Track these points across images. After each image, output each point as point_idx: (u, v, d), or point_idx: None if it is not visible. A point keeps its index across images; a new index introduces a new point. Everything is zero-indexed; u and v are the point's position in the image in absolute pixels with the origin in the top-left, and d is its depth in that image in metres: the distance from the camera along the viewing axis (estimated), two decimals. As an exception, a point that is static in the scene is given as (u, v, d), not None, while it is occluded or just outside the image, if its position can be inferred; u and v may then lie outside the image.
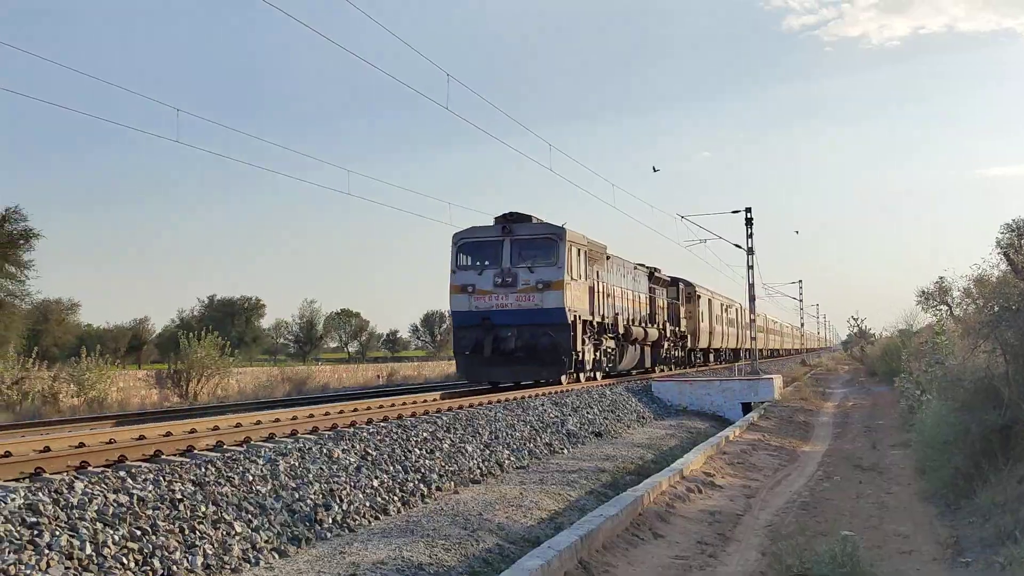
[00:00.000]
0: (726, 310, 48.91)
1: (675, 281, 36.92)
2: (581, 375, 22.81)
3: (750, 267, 32.48)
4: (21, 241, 45.79)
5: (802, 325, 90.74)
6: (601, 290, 24.30)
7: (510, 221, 21.32)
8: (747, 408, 23.32)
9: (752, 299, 33.55)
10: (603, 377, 25.33)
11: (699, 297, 40.29)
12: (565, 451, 14.72)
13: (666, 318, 34.23)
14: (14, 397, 21.28)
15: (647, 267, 32.11)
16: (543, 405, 17.10)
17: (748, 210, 32.04)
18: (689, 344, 38.66)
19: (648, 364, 30.45)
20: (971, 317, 12.54)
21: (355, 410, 13.48)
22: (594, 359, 23.93)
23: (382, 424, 11.92)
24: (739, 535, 9.07)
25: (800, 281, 77.10)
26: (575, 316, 20.74)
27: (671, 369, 34.55)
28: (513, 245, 20.77)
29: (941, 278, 24.64)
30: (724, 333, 47.80)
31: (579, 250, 22.14)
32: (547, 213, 29.65)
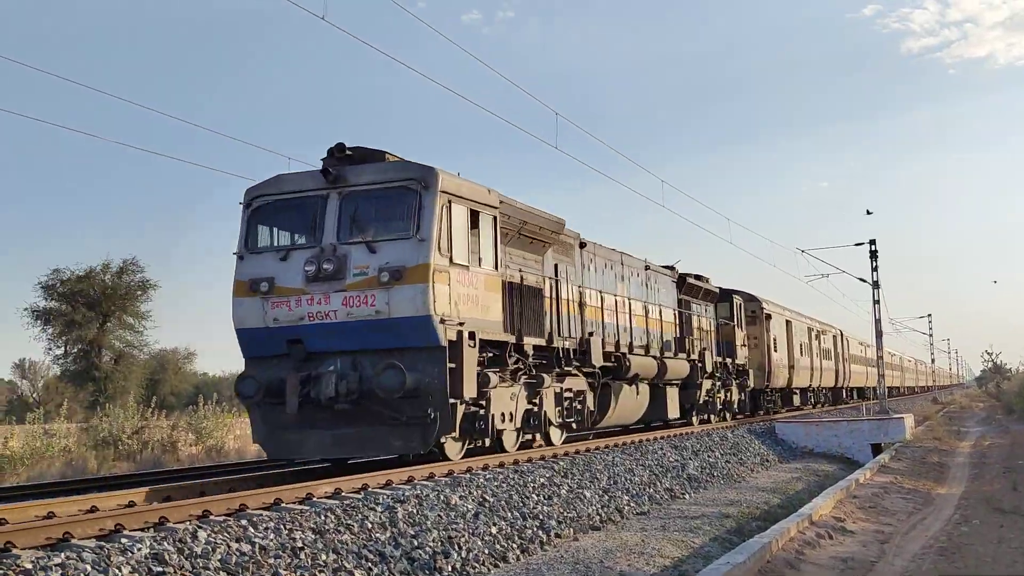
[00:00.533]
0: (817, 337, 38.00)
1: (727, 294, 26.70)
2: (485, 439, 12.71)
3: (876, 301, 31.43)
4: (139, 292, 47.53)
5: (932, 361, 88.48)
6: (557, 294, 15.04)
7: (341, 161, 12.00)
8: (877, 449, 22.79)
9: (879, 335, 32.28)
10: (565, 440, 15.66)
11: (769, 317, 29.65)
12: (687, 496, 14.54)
13: (711, 344, 24.60)
14: (134, 447, 22.08)
15: (674, 270, 22.79)
16: (662, 449, 16.99)
17: (872, 242, 31.55)
18: (753, 383, 27.75)
19: (672, 413, 21.04)
20: None
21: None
22: (526, 412, 13.62)
23: (498, 470, 11.95)
24: None
25: (929, 315, 75.52)
26: (460, 332, 11.37)
27: (720, 419, 24.70)
28: (344, 204, 11.72)
29: None
30: (813, 368, 35.99)
31: (473, 213, 12.37)
32: (660, 252, 27.35)
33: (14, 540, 6.25)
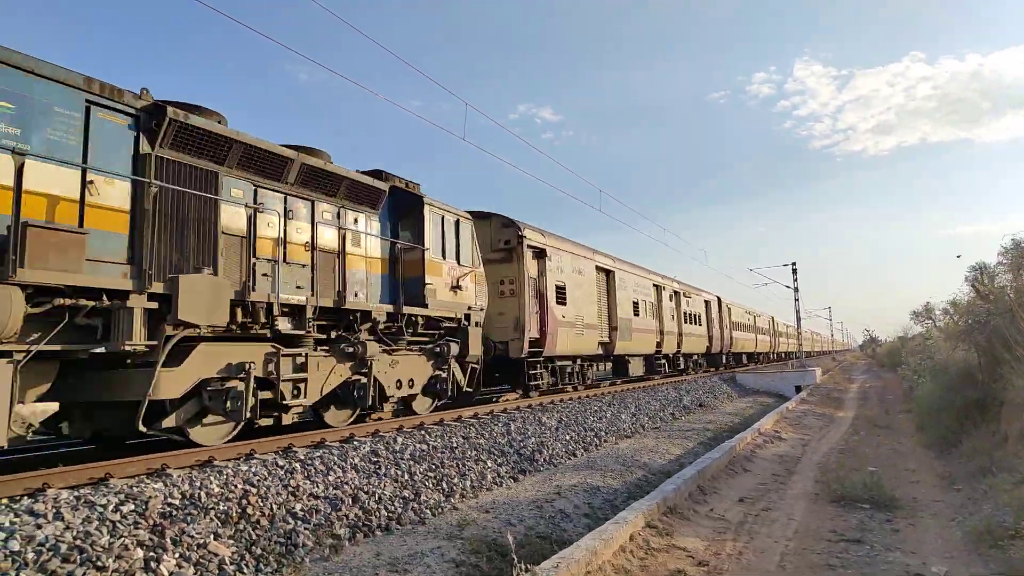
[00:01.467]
0: (674, 299, 29.91)
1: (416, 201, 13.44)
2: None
3: (796, 299, 44.79)
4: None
5: (832, 335, 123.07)
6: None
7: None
8: (799, 390, 29.83)
9: (799, 320, 46.10)
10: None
11: (542, 254, 18.11)
12: (682, 418, 18.62)
13: (367, 283, 12.15)
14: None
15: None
16: (666, 389, 21.78)
17: (794, 263, 45.14)
18: (507, 349, 16.64)
19: None
20: (951, 327, 17.04)
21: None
22: None
23: (569, 401, 16.00)
24: (800, 470, 11.84)
25: (830, 308, 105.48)
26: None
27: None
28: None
29: (927, 302, 38.09)
30: (664, 331, 27.94)
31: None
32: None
33: (294, 443, 9.58)
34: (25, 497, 6.25)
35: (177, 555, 5.79)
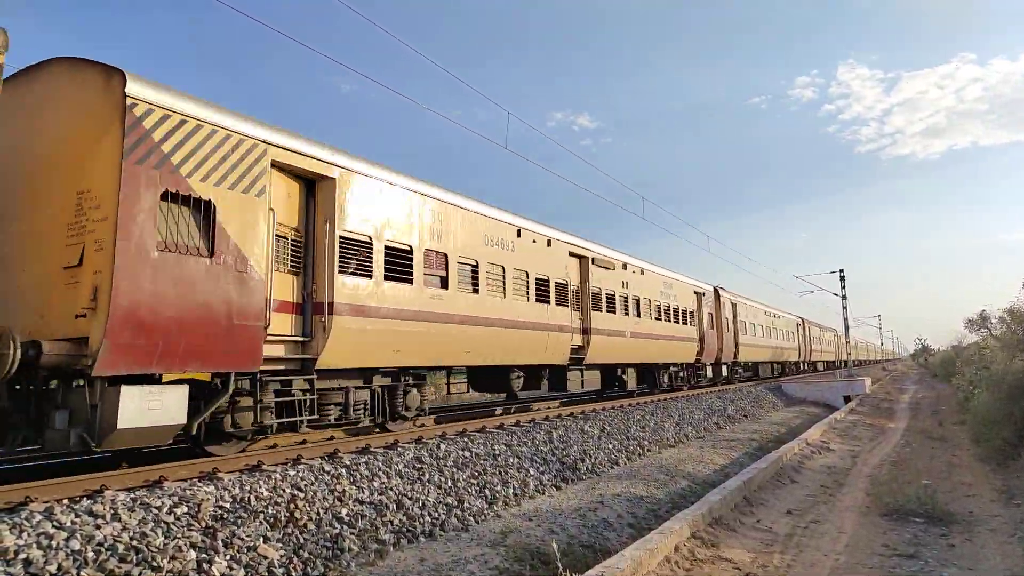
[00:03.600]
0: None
1: None
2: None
3: (844, 307, 43.42)
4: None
5: (882, 344, 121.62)
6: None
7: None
8: (847, 399, 28.86)
9: (847, 328, 44.61)
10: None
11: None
12: (727, 428, 18.34)
13: None
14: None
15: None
16: (710, 398, 21.45)
17: (841, 270, 43.22)
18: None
19: None
20: (1008, 336, 16.27)
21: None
22: None
23: (612, 410, 15.91)
24: (849, 481, 11.55)
25: (879, 316, 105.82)
26: None
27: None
28: None
29: (983, 310, 37.87)
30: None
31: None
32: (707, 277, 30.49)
33: (340, 448, 9.71)
34: (85, 498, 6.46)
35: (228, 557, 5.91)
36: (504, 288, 14.18)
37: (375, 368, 11.24)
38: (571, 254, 17.17)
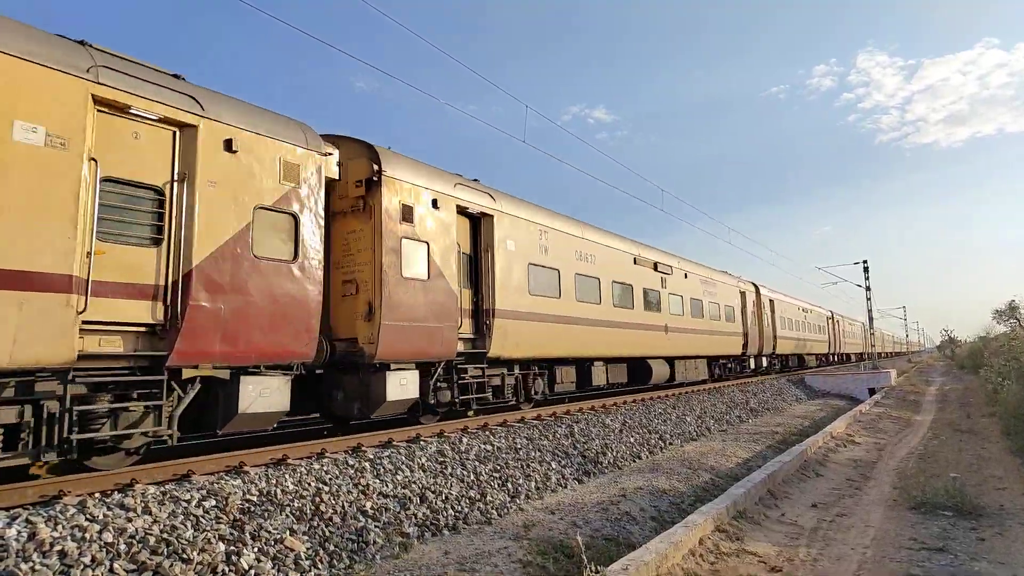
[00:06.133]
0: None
1: None
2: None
3: (868, 299, 42.98)
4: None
5: (907, 336, 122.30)
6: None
7: None
8: (872, 392, 28.65)
9: (871, 320, 43.57)
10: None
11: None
12: (749, 421, 18.29)
13: None
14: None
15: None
16: (732, 391, 21.37)
17: (865, 261, 42.87)
18: None
19: None
20: None
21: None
22: None
23: (633, 404, 15.85)
24: (875, 475, 11.47)
25: (904, 307, 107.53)
26: None
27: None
28: None
29: (1012, 300, 37.72)
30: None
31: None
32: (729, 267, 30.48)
33: (362, 442, 9.75)
34: (116, 492, 6.57)
35: (256, 550, 6.00)
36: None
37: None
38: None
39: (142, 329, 7.44)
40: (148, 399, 7.52)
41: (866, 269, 43.49)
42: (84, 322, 6.83)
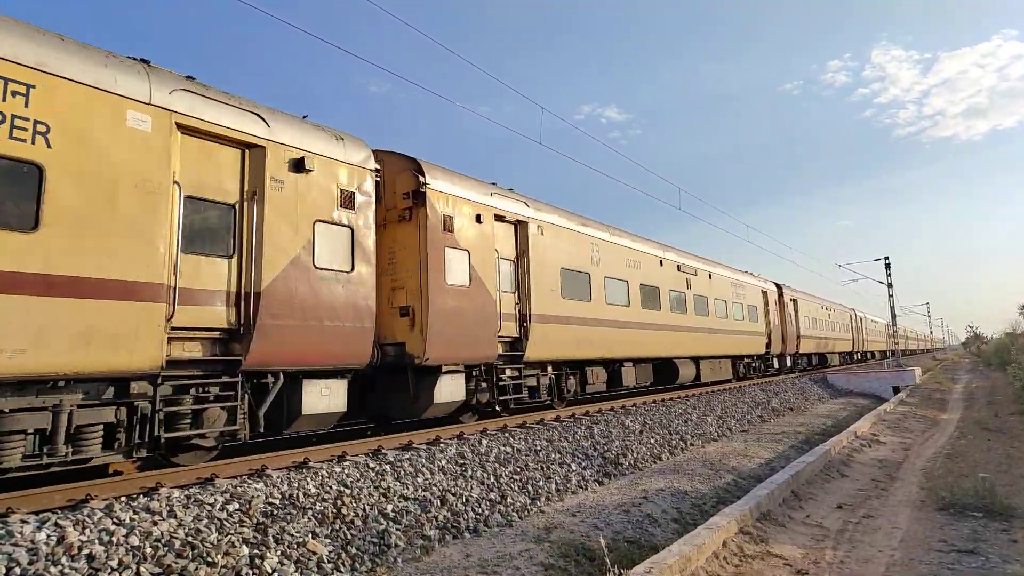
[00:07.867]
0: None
1: None
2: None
3: (890, 295, 43.20)
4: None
5: (931, 332, 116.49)
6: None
7: None
8: (896, 390, 28.18)
9: (894, 317, 44.08)
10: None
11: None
12: (771, 421, 18.08)
13: None
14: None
15: None
16: (754, 390, 21.20)
17: (887, 257, 43.23)
18: None
19: None
20: None
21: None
22: None
23: (652, 404, 15.81)
24: (902, 475, 11.31)
25: (928, 304, 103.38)
26: None
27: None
28: None
29: None
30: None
31: None
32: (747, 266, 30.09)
33: (383, 445, 9.84)
34: (142, 495, 6.65)
35: (279, 553, 6.04)
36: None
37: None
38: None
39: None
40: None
41: (887, 265, 43.45)
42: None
